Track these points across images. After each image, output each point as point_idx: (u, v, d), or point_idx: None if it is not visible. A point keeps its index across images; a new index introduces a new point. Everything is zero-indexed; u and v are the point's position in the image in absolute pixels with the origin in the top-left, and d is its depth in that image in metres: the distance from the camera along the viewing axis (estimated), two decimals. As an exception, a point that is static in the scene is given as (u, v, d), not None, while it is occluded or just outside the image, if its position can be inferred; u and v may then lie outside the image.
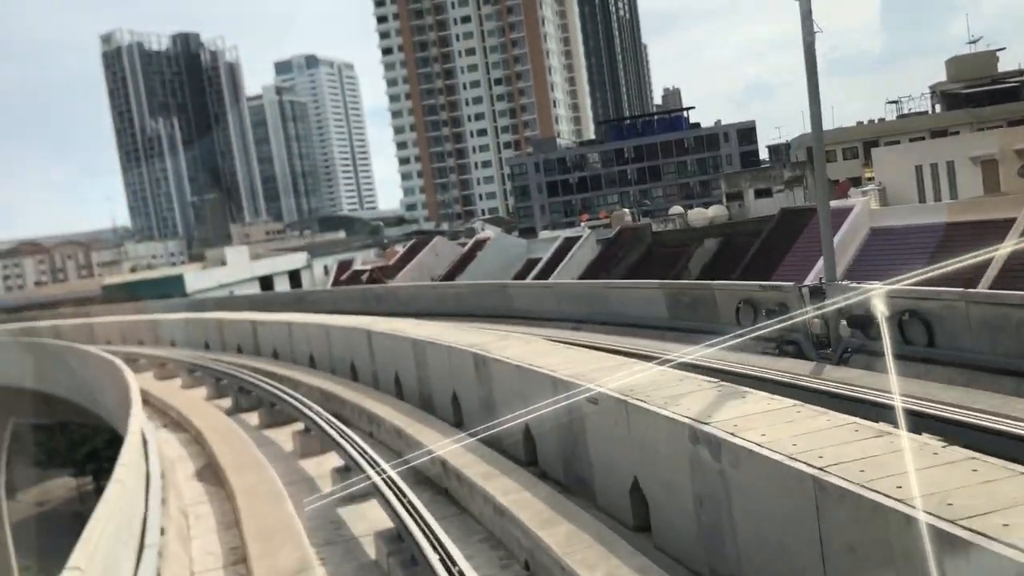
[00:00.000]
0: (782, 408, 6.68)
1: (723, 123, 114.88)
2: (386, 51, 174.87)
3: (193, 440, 15.22)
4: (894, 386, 8.81)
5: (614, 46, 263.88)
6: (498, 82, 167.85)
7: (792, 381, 10.68)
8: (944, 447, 5.42)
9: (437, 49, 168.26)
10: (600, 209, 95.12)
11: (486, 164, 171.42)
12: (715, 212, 53.38)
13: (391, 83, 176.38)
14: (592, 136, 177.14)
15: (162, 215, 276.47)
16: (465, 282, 27.08)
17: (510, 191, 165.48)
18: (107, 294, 71.12)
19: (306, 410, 13.75)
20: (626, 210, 60.59)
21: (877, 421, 6.45)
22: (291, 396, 15.04)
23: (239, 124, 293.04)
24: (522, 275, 52.95)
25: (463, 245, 58.72)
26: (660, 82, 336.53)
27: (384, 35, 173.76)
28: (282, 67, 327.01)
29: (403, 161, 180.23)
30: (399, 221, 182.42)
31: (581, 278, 49.02)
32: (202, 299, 41.70)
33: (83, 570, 4.98)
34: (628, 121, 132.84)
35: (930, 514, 4.40)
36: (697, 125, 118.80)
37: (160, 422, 17.51)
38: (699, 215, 53.11)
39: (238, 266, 71.89)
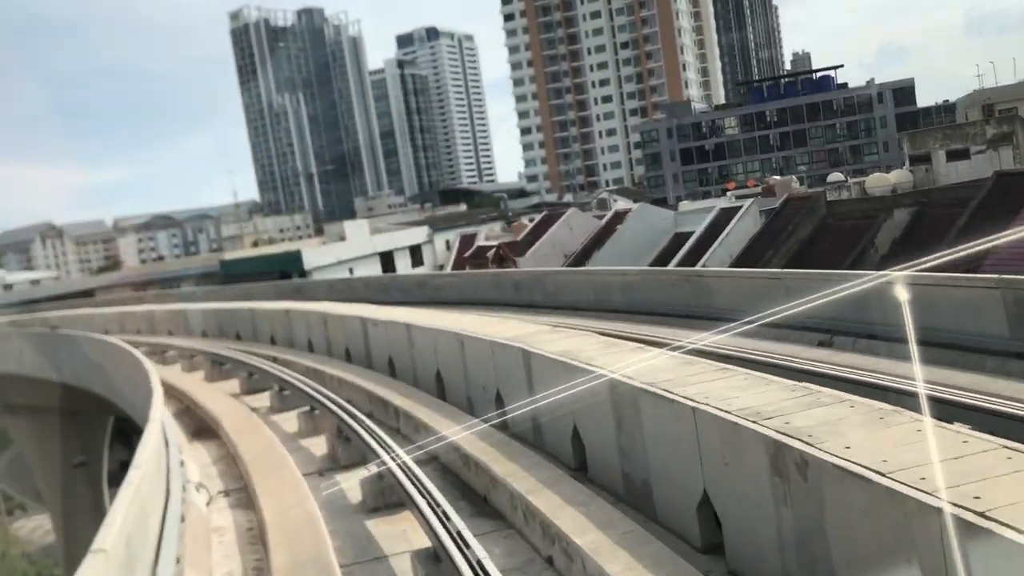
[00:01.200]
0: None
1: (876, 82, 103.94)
2: (508, 17, 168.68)
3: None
4: None
5: (743, 7, 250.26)
6: (624, 46, 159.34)
7: None
8: None
9: (560, 13, 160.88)
10: (748, 177, 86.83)
11: (610, 132, 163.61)
12: (898, 178, 45.10)
13: (513, 50, 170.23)
14: (722, 102, 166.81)
15: (289, 189, 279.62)
16: (636, 268, 20.56)
17: (638, 160, 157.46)
18: (225, 270, 67.96)
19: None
20: (792, 176, 52.66)
21: None
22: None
23: (362, 98, 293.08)
24: (670, 252, 46.08)
25: (599, 218, 52.17)
26: (788, 47, 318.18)
27: (506, 1, 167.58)
28: (403, 40, 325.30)
29: (524, 131, 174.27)
30: (520, 193, 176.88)
31: (741, 256, 41.90)
32: (312, 283, 36.31)
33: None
34: (770, 83, 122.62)
35: None
36: (844, 86, 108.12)
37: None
38: (879, 181, 44.96)
39: (358, 241, 67.56)
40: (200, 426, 15.40)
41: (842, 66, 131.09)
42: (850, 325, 13.03)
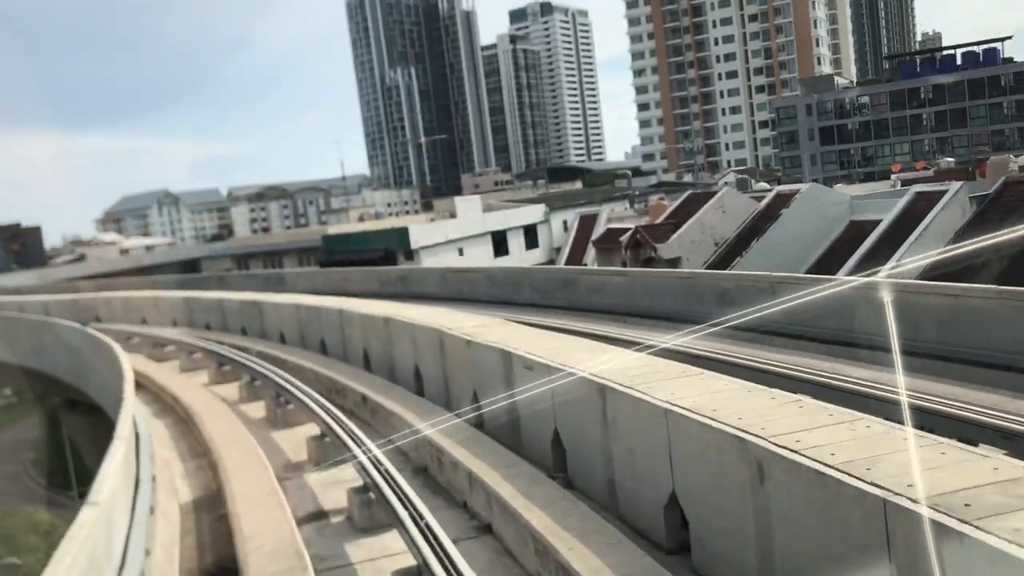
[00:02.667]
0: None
1: None
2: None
3: None
4: None
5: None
6: (752, 19, 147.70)
7: None
8: None
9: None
10: (896, 161, 76.16)
11: (734, 110, 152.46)
12: None
13: (632, 22, 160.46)
14: (854, 79, 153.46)
15: (398, 164, 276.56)
16: (960, 284, 12.28)
17: (763, 139, 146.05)
18: (327, 245, 62.04)
19: None
20: (1009, 155, 43.00)
21: None
22: None
23: (473, 74, 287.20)
24: (847, 245, 37.33)
25: (758, 199, 43.54)
26: (919, 26, 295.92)
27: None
28: (516, 15, 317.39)
29: (642, 107, 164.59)
30: (634, 173, 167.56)
31: (951, 252, 32.81)
32: (420, 272, 28.62)
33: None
34: (923, 56, 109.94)
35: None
36: (1010, 60, 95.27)
37: None
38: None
39: (469, 219, 60.67)
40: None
41: (1010, 37, 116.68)
42: None
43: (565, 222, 69.08)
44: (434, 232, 58.00)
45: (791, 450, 5.32)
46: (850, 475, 4.78)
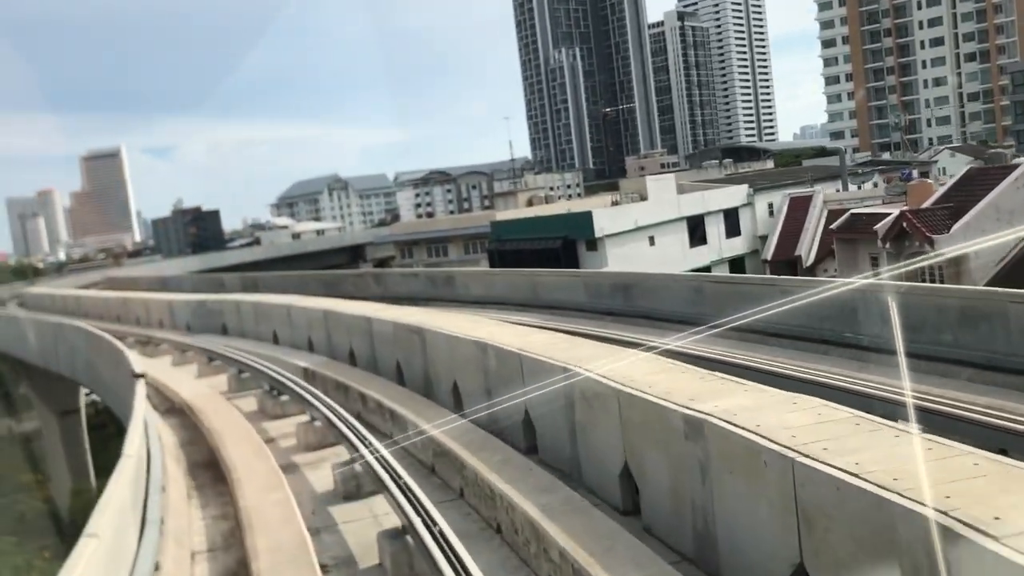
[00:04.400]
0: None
1: None
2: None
3: None
4: None
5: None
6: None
7: None
8: None
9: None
10: None
11: (938, 82, 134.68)
12: None
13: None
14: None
15: (560, 147, 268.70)
16: None
17: (976, 113, 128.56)
18: (497, 233, 54.34)
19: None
20: None
21: None
22: None
23: (639, 52, 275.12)
24: None
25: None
26: None
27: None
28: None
29: (830, 81, 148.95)
30: (819, 152, 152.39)
31: None
32: (650, 280, 18.68)
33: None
34: None
35: None
36: None
37: None
38: None
39: (661, 202, 51.33)
40: None
41: None
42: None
43: (771, 205, 58.53)
44: (621, 217, 48.99)
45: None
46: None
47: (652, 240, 50.53)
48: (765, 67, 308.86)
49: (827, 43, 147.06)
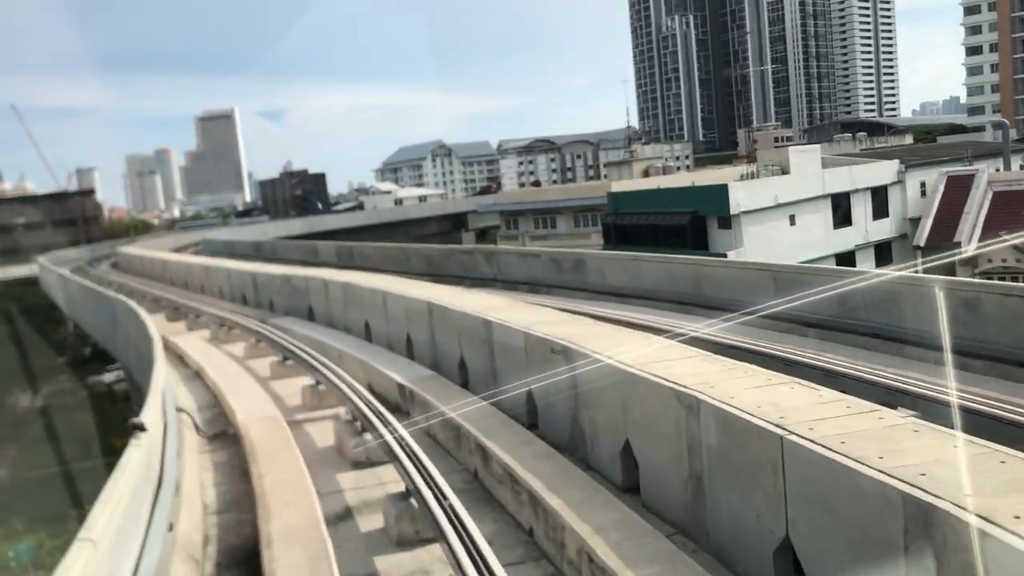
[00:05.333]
0: None
1: None
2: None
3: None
4: None
5: None
6: None
7: None
8: None
9: None
10: None
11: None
12: None
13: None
14: None
15: (669, 118, 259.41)
16: None
17: None
18: (615, 205, 49.07)
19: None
20: None
21: None
22: None
23: (755, 21, 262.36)
24: None
25: None
26: None
27: None
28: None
29: (971, 51, 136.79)
30: (954, 129, 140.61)
31: None
32: (920, 285, 13.12)
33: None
34: None
35: None
36: None
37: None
38: None
39: (804, 176, 45.03)
40: None
41: None
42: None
43: (923, 183, 51.43)
44: (760, 192, 43.01)
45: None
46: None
47: (792, 219, 44.44)
48: (890, 39, 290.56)
49: (970, 9, 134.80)
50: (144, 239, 74.32)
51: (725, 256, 38.66)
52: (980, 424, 7.41)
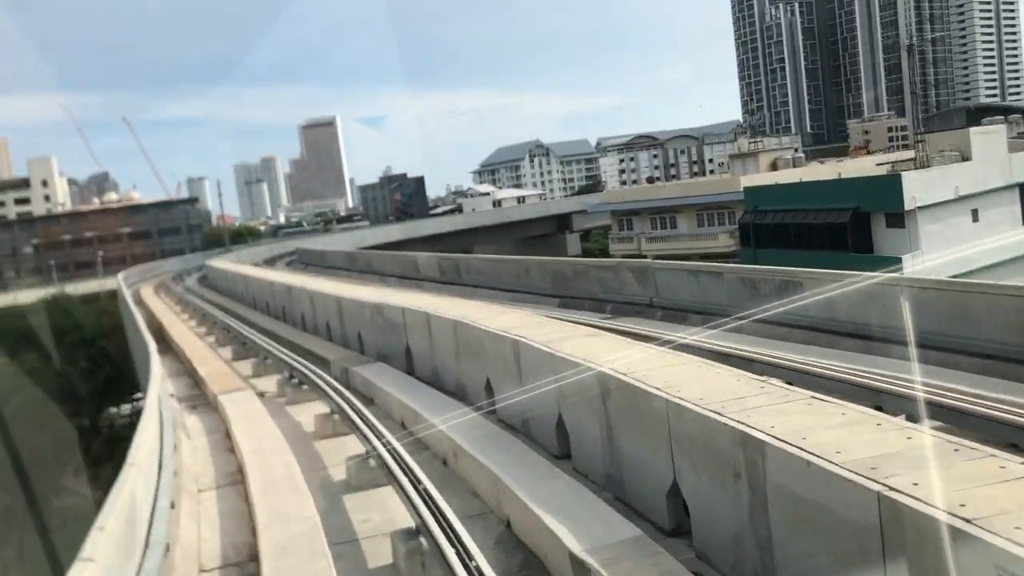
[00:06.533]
0: None
1: None
2: None
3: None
4: None
5: None
6: None
7: None
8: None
9: None
10: None
11: None
12: None
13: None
14: None
15: (775, 110, 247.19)
16: None
17: None
18: (754, 202, 42.06)
19: None
20: None
21: None
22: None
23: (866, 6, 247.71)
24: None
25: None
26: None
27: None
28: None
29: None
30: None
31: None
32: None
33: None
34: None
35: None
36: None
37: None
38: None
39: (987, 162, 37.11)
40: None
41: None
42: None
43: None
44: (938, 183, 35.38)
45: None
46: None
47: (975, 214, 36.61)
48: (1012, 20, 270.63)
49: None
50: (239, 248, 70.73)
51: (899, 261, 31.37)
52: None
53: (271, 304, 27.66)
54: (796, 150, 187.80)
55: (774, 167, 63.85)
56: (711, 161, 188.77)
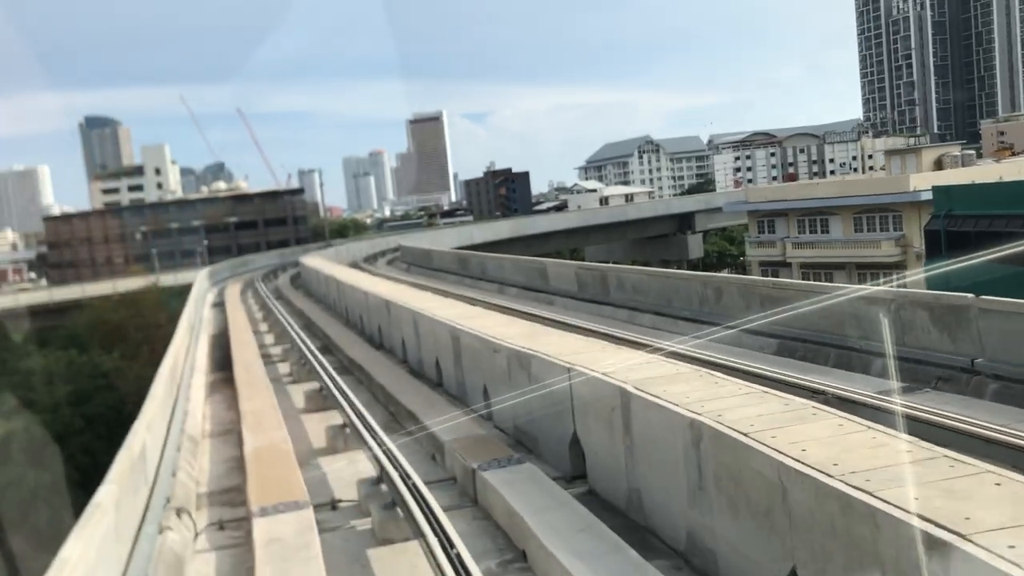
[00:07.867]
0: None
1: None
2: None
3: None
4: None
5: None
6: None
7: None
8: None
9: None
10: None
11: None
12: None
13: None
14: None
15: (900, 108, 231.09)
16: None
17: None
18: (946, 204, 34.05)
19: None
20: None
21: None
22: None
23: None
24: None
25: None
26: None
27: None
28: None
29: None
30: None
31: None
32: None
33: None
34: None
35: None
36: None
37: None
38: None
39: None
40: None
41: None
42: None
43: None
44: None
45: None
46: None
47: None
48: None
49: None
50: (340, 243, 65.76)
51: None
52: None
53: (365, 321, 21.63)
54: (962, 147, 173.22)
55: (939, 165, 54.88)
56: (831, 161, 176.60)
